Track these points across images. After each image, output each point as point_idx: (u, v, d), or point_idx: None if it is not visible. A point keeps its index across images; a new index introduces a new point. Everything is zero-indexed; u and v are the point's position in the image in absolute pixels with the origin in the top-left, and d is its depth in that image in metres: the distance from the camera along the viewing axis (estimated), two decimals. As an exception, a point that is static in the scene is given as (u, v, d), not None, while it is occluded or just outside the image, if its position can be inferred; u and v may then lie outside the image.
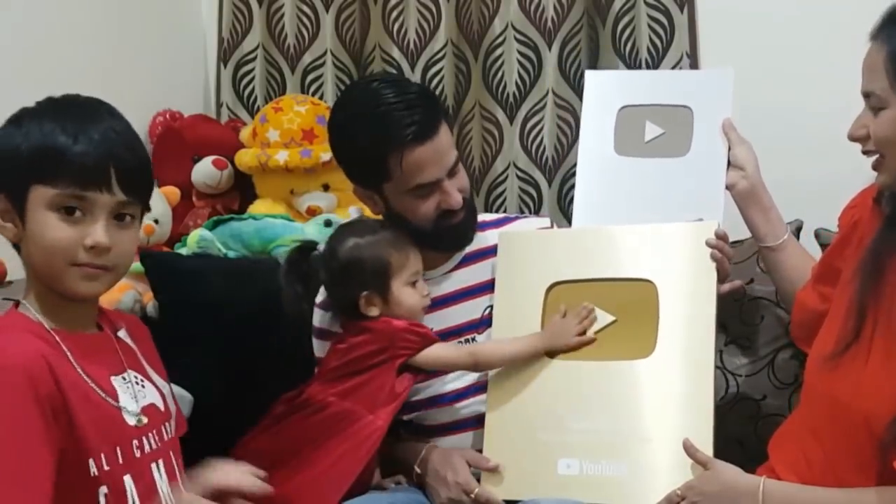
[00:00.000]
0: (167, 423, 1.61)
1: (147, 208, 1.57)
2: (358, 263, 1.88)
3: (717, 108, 2.03)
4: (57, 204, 1.44)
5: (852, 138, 1.65)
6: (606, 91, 2.10)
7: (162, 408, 1.60)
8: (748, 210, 1.96)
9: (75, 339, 1.49)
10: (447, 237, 1.99)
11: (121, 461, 1.47)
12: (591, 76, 2.14)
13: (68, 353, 1.46)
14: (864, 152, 1.65)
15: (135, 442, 1.51)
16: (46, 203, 1.44)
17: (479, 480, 1.86)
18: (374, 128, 1.90)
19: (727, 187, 1.96)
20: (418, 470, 1.91)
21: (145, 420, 1.54)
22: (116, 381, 1.53)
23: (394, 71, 2.57)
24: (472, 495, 1.83)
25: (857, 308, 1.62)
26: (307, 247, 1.96)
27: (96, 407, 1.46)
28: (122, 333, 1.61)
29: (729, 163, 1.98)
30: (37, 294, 1.50)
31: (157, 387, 1.62)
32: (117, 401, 1.51)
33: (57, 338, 1.47)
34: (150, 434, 1.54)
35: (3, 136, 1.48)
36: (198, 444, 1.69)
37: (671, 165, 2.02)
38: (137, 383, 1.57)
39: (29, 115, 1.49)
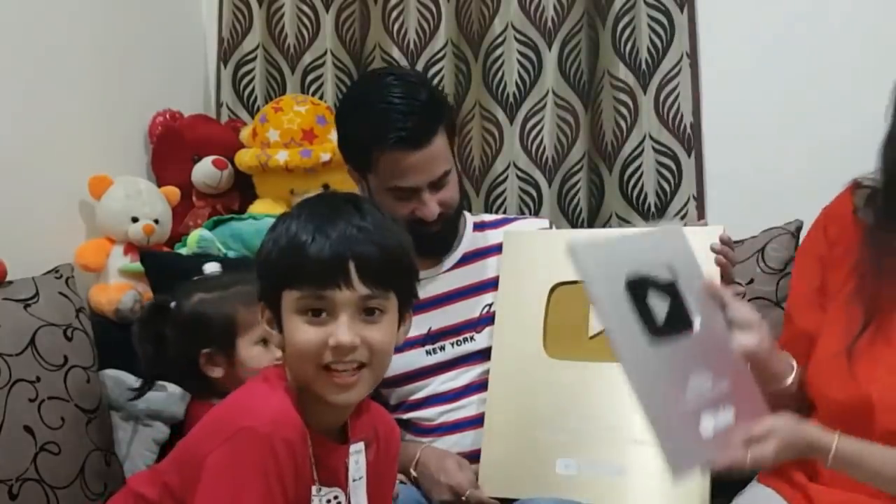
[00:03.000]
0: None
1: (411, 296, 1.49)
2: (202, 319, 1.76)
3: (690, 269, 1.49)
4: (302, 307, 1.40)
5: None
6: (602, 265, 1.48)
7: None
8: (764, 370, 1.62)
9: (315, 440, 1.45)
10: (418, 243, 1.98)
11: None
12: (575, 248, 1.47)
13: (311, 457, 1.43)
14: None
15: None
16: (293, 307, 1.40)
17: (477, 477, 1.86)
18: (368, 121, 1.92)
19: (746, 355, 1.52)
20: (414, 473, 1.91)
21: None
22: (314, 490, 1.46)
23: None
24: (464, 497, 1.84)
25: (864, 304, 1.68)
26: (160, 304, 1.81)
27: None
28: (356, 447, 1.51)
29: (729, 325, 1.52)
30: (297, 395, 1.45)
31: None
32: None
33: (309, 438, 1.43)
34: None
35: (263, 244, 1.46)
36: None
37: (689, 347, 1.45)
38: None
39: (282, 219, 1.45)
